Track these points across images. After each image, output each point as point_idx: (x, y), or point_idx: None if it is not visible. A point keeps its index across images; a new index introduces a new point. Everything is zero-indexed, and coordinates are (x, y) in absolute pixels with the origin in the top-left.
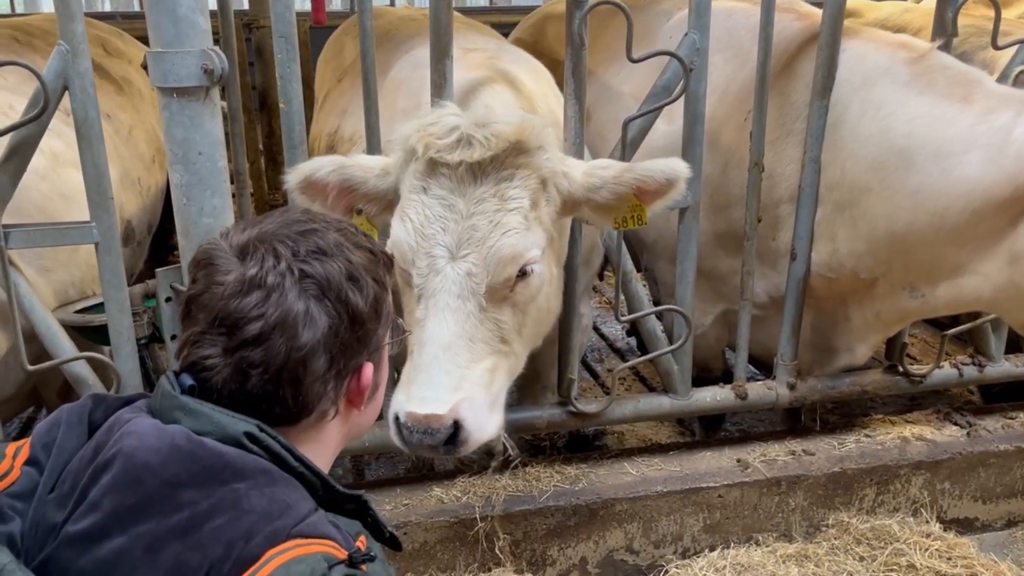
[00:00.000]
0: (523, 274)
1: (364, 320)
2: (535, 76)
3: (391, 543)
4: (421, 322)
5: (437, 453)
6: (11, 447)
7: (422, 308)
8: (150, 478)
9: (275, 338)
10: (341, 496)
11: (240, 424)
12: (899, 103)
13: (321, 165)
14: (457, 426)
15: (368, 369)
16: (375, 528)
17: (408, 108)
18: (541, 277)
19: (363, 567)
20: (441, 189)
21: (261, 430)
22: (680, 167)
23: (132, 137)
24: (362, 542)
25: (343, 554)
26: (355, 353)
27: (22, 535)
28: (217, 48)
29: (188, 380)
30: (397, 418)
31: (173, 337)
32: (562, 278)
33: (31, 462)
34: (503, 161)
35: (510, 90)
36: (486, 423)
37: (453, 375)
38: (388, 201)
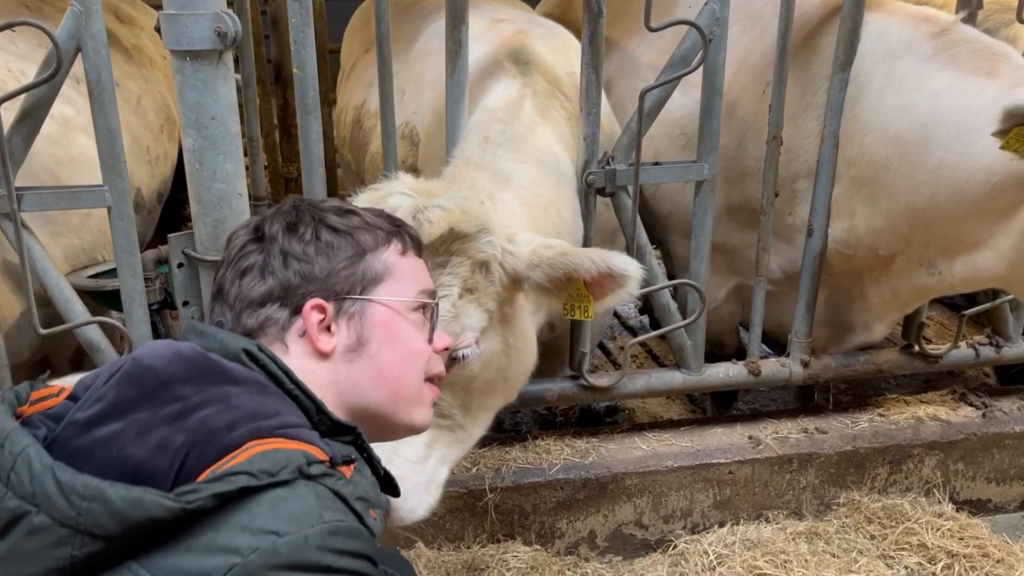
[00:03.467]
0: (454, 358)
1: (296, 255)
2: (564, 54)
3: (388, 485)
4: None
5: None
6: (59, 386)
7: None
8: (152, 377)
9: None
10: (337, 426)
11: (240, 342)
12: (922, 77)
13: None
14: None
15: (311, 303)
16: (371, 466)
17: (435, 80)
18: (483, 356)
19: (345, 471)
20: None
21: (260, 349)
22: (623, 263)
23: (141, 106)
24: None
25: (325, 457)
26: (290, 286)
27: (44, 438)
28: (231, 11)
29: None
30: None
31: (185, 303)
32: (528, 349)
33: (71, 397)
34: (437, 247)
35: (519, 81)
36: (416, 503)
37: (382, 450)
38: None
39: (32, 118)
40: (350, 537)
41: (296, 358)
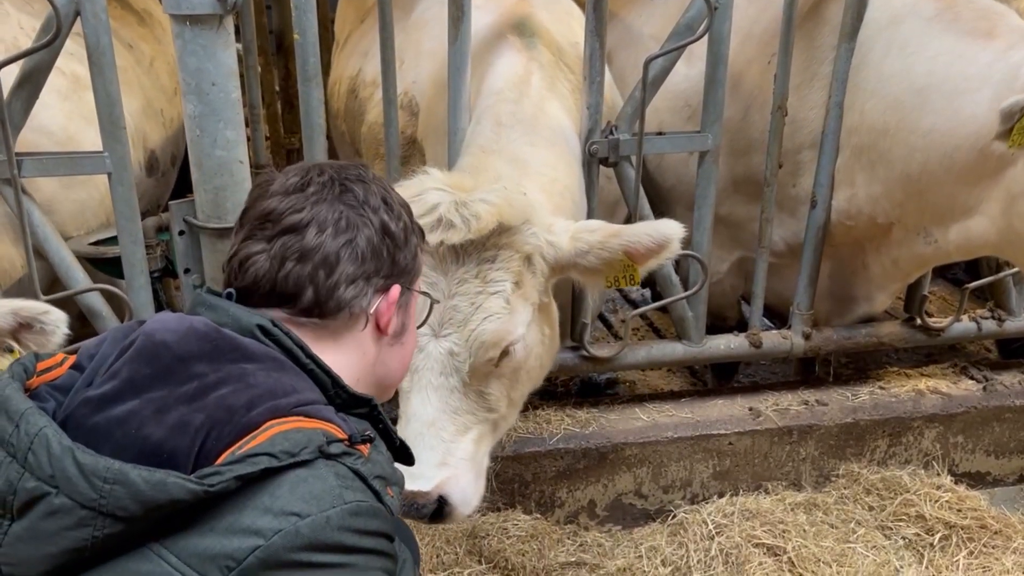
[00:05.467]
0: (506, 352)
1: (394, 237)
2: (567, 23)
3: (403, 454)
4: (407, 393)
5: (424, 522)
6: (61, 355)
7: (407, 380)
8: (166, 353)
9: (311, 230)
10: (353, 398)
11: (254, 318)
12: (923, 41)
13: None
14: (442, 501)
15: (395, 290)
16: (386, 437)
17: (435, 49)
18: (527, 349)
19: (363, 449)
20: (423, 266)
21: (275, 325)
22: (672, 229)
23: (154, 68)
24: (368, 434)
25: (343, 435)
26: (383, 266)
27: (54, 413)
28: None
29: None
30: None
31: (187, 271)
32: (557, 336)
33: (75, 367)
34: (485, 242)
35: (524, 55)
36: (471, 497)
37: (438, 450)
38: None
39: (31, 83)
40: (370, 517)
41: (357, 335)
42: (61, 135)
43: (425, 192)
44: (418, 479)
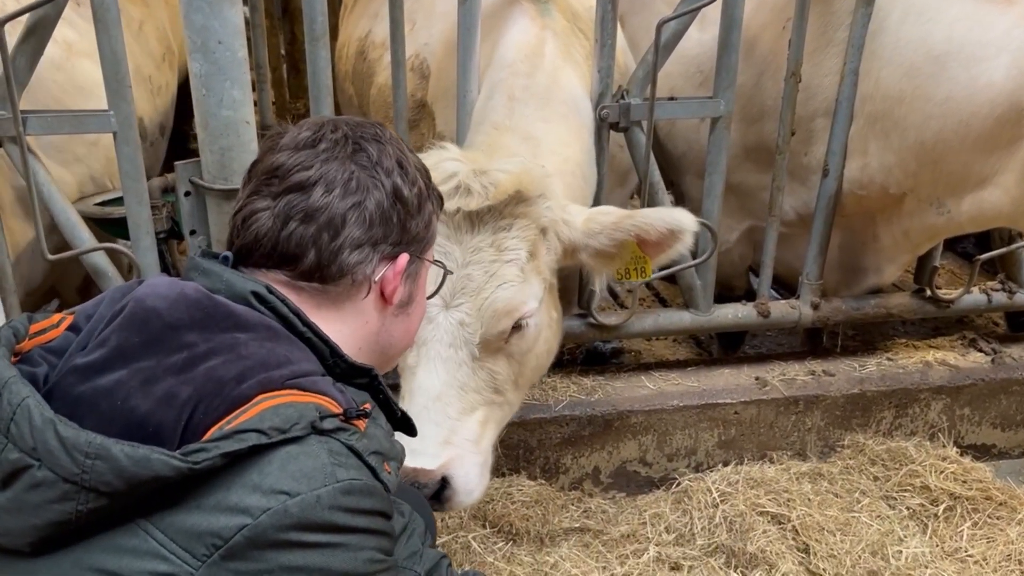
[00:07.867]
0: (518, 327)
1: (406, 203)
2: None
3: (404, 425)
4: (412, 369)
5: None
6: (59, 315)
7: (414, 355)
8: (156, 320)
9: (318, 190)
10: (352, 368)
11: (248, 284)
12: (941, 6)
13: None
14: (445, 482)
15: (404, 259)
16: (387, 408)
17: (447, 11)
18: (538, 328)
19: (359, 424)
20: (437, 235)
21: (270, 291)
22: (685, 219)
23: (142, 32)
24: (365, 408)
25: (338, 409)
26: (391, 233)
27: (46, 377)
28: None
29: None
30: None
31: (192, 232)
32: (561, 322)
33: (72, 328)
34: (501, 210)
35: (538, 22)
36: (475, 485)
37: (443, 427)
38: None
39: (36, 37)
40: (364, 495)
41: (359, 303)
42: (55, 108)
43: (443, 161)
44: (421, 455)
